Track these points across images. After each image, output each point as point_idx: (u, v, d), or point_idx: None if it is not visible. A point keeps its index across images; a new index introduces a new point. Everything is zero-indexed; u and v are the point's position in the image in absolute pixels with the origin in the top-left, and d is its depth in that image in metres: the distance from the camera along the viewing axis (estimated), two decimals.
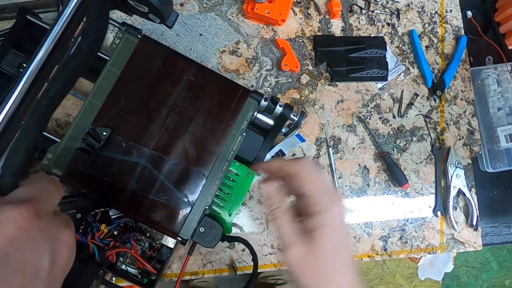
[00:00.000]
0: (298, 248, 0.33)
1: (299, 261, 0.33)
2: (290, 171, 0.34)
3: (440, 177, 0.65)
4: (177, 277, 0.52)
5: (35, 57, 0.28)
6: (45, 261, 0.22)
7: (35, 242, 0.22)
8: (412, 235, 0.64)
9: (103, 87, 0.43)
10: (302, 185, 0.34)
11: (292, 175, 0.34)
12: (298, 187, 0.34)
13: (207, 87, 0.45)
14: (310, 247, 0.33)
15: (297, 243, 0.33)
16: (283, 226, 0.34)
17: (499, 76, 0.67)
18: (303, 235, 0.33)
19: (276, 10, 0.59)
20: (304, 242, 0.33)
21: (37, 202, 0.23)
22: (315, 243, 0.33)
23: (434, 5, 0.68)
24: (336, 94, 0.64)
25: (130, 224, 0.48)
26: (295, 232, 0.33)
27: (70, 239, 0.25)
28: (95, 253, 0.44)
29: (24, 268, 0.21)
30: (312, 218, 0.33)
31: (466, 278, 1.66)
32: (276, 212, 0.34)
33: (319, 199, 0.33)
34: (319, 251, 0.33)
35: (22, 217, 0.21)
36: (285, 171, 0.35)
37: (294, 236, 0.34)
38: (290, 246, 0.34)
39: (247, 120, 0.46)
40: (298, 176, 0.34)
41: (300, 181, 0.34)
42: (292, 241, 0.33)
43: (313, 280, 0.33)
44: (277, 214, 0.34)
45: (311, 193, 0.33)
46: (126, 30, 0.44)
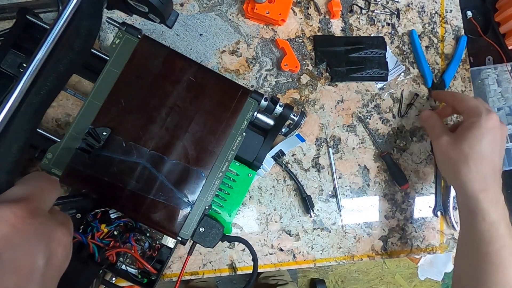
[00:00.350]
0: (447, 137, 0.51)
1: (449, 145, 0.50)
2: (457, 96, 0.55)
3: (440, 177, 0.65)
4: (177, 277, 0.52)
5: (35, 57, 0.28)
6: (40, 260, 0.22)
7: (29, 242, 0.21)
8: (412, 235, 0.64)
9: (103, 87, 0.43)
10: (461, 104, 0.53)
11: (457, 99, 0.54)
12: (459, 106, 0.53)
13: (207, 87, 0.45)
14: (458, 138, 0.50)
15: (447, 133, 0.52)
16: (437, 122, 0.55)
17: (499, 76, 0.67)
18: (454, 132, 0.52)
19: (276, 10, 0.59)
20: (453, 135, 0.51)
21: (31, 201, 0.23)
22: (463, 135, 0.49)
23: (434, 5, 0.68)
24: (336, 94, 0.64)
25: (130, 224, 0.48)
26: (446, 129, 0.53)
27: (65, 238, 0.24)
28: (95, 253, 0.44)
29: (18, 267, 0.21)
30: (464, 121, 0.51)
31: None
32: (430, 119, 0.57)
33: (472, 110, 0.50)
34: (465, 141, 0.49)
35: (16, 216, 0.21)
36: (453, 98, 0.56)
37: (445, 129, 0.53)
38: (441, 134, 0.52)
39: (247, 120, 0.46)
40: (460, 99, 0.54)
41: (459, 101, 0.53)
42: (443, 131, 0.53)
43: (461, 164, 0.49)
44: (431, 119, 0.56)
45: (466, 106, 0.52)
46: (126, 30, 0.44)
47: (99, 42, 0.59)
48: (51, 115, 0.57)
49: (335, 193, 0.62)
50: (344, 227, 0.62)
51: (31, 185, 0.25)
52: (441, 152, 0.52)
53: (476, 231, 0.47)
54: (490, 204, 0.46)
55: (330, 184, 0.62)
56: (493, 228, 0.45)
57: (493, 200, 0.46)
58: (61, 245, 0.23)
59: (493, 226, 0.45)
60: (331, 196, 0.62)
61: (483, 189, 0.47)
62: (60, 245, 0.23)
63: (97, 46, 0.59)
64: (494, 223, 0.45)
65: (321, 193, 0.62)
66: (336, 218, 0.62)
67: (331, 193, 0.62)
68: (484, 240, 0.45)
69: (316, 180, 0.62)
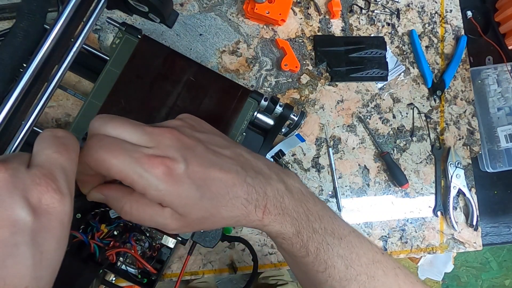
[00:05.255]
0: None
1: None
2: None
3: (440, 177, 0.65)
4: (177, 277, 0.52)
5: (35, 57, 0.28)
6: (21, 212, 0.20)
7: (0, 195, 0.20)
8: (412, 235, 0.64)
9: (103, 87, 0.43)
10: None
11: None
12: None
13: (207, 87, 0.45)
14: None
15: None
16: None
17: (499, 76, 0.67)
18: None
19: (276, 10, 0.59)
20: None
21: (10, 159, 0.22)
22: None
23: (434, 5, 0.68)
24: (336, 94, 0.64)
25: (130, 224, 0.48)
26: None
27: (49, 193, 0.21)
28: (96, 253, 0.44)
29: None
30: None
31: (466, 278, 1.66)
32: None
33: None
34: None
35: None
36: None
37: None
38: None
39: (247, 120, 0.46)
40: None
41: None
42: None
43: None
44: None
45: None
46: (126, 30, 0.44)
47: (99, 42, 0.59)
48: (51, 115, 0.57)
49: (335, 193, 0.62)
50: None
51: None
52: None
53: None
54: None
55: (330, 184, 0.62)
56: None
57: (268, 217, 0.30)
58: (45, 197, 0.21)
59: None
60: (331, 196, 0.62)
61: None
62: (44, 198, 0.21)
63: (97, 46, 0.59)
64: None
65: (321, 193, 0.62)
66: None
67: (331, 193, 0.62)
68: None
69: (316, 180, 0.62)
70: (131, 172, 0.25)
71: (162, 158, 0.25)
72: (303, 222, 0.30)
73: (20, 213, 0.20)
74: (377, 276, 0.32)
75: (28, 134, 0.30)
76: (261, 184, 0.29)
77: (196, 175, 0.26)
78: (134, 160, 0.25)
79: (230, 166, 0.28)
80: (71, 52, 0.32)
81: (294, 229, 0.30)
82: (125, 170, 0.25)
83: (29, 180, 0.21)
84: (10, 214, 0.20)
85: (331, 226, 0.32)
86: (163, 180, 0.25)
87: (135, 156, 0.25)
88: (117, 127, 0.26)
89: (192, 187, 0.26)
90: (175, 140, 0.27)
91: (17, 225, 0.20)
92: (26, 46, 0.28)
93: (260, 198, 0.29)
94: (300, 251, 0.31)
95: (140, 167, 0.25)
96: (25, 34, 0.28)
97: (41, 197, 0.21)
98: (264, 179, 0.30)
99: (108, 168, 0.25)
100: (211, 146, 0.29)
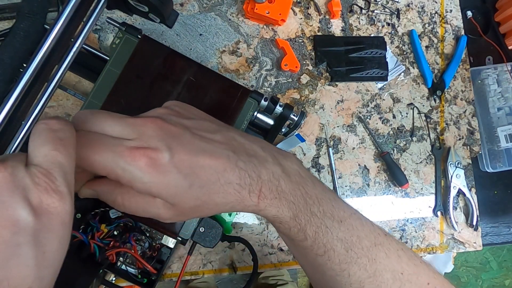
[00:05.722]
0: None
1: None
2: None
3: (440, 177, 0.65)
4: (177, 277, 0.52)
5: (35, 57, 0.28)
6: (22, 212, 0.20)
7: (1, 195, 0.20)
8: (412, 235, 0.64)
9: (103, 87, 0.43)
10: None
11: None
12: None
13: (207, 87, 0.45)
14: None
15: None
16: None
17: (499, 76, 0.67)
18: None
19: (276, 10, 0.59)
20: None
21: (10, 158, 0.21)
22: None
23: (434, 5, 0.68)
24: (336, 94, 0.64)
25: (130, 224, 0.48)
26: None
27: (47, 193, 0.21)
28: (96, 253, 0.44)
29: None
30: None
31: (466, 278, 1.66)
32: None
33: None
34: None
35: None
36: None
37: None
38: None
39: (247, 120, 0.46)
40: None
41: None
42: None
43: None
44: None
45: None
46: (126, 30, 0.44)
47: (99, 42, 0.59)
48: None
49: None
50: None
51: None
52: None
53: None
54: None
55: (330, 184, 0.62)
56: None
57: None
58: (45, 197, 0.21)
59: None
60: None
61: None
62: (44, 197, 0.21)
63: (97, 46, 0.59)
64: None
65: None
66: None
67: None
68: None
69: None
70: (114, 166, 0.24)
71: (144, 149, 0.25)
72: (300, 206, 0.30)
73: (22, 213, 0.20)
74: (378, 259, 0.32)
75: (28, 134, 0.30)
76: (255, 167, 0.28)
77: (183, 163, 0.26)
78: (116, 155, 0.24)
79: (220, 151, 0.27)
80: (71, 52, 0.32)
81: (291, 213, 0.29)
82: (108, 166, 0.24)
83: (28, 180, 0.21)
84: (12, 214, 0.20)
85: (330, 209, 0.31)
86: (147, 172, 0.25)
87: (117, 150, 0.25)
88: (98, 122, 0.26)
89: (179, 176, 0.25)
90: (158, 129, 0.26)
91: (18, 225, 0.20)
92: (26, 46, 0.28)
93: (254, 183, 0.28)
94: (298, 235, 0.30)
95: (122, 160, 0.24)
96: (26, 35, 0.28)
97: (41, 197, 0.21)
98: (258, 163, 0.29)
99: (92, 164, 0.25)
100: (199, 132, 0.28)
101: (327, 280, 0.33)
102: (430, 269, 0.34)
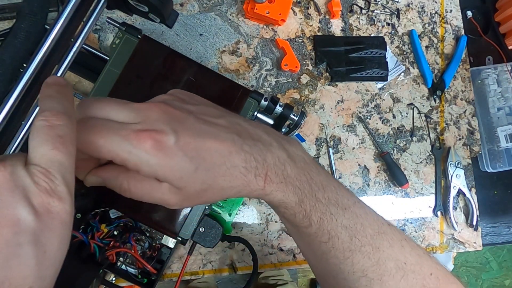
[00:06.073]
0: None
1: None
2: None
3: (440, 177, 0.65)
4: (177, 277, 0.52)
5: (35, 57, 0.28)
6: (23, 212, 0.20)
7: (1, 194, 0.20)
8: (412, 235, 0.64)
9: (103, 87, 0.43)
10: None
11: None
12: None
13: (207, 87, 0.45)
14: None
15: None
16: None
17: (499, 76, 0.67)
18: None
19: (276, 10, 0.59)
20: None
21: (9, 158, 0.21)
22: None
23: (434, 5, 0.68)
24: (336, 94, 0.64)
25: (130, 224, 0.48)
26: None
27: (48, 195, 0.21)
28: (96, 253, 0.44)
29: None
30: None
31: (466, 278, 1.66)
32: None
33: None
34: None
35: None
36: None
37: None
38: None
39: None
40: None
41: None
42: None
43: None
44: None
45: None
46: (126, 30, 0.44)
47: (99, 42, 0.59)
48: None
49: None
50: None
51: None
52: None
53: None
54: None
55: None
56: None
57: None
58: (45, 197, 0.21)
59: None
60: None
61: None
62: (44, 197, 0.21)
63: (97, 46, 0.59)
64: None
65: None
66: None
67: None
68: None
69: None
70: (119, 150, 0.24)
71: (149, 131, 0.25)
72: (306, 191, 0.30)
73: (22, 213, 0.20)
74: (382, 248, 0.32)
75: (28, 134, 0.30)
76: (260, 151, 0.28)
77: (188, 146, 0.25)
78: (121, 138, 0.24)
79: (225, 135, 0.27)
80: (71, 52, 0.32)
81: (296, 198, 0.29)
82: (114, 149, 0.24)
83: (28, 179, 0.21)
84: (13, 214, 0.20)
85: (335, 196, 0.31)
86: (153, 154, 0.24)
87: (122, 134, 0.24)
88: (103, 108, 0.26)
89: (185, 159, 0.25)
90: (162, 113, 0.26)
91: (19, 225, 0.20)
92: (27, 47, 0.28)
93: (260, 166, 0.28)
94: (303, 221, 0.30)
95: (128, 143, 0.24)
96: (26, 35, 0.28)
97: (41, 196, 0.21)
98: (263, 146, 0.28)
99: (97, 149, 0.24)
100: (203, 116, 0.28)
101: (330, 269, 0.33)
102: (433, 260, 0.34)
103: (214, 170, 0.26)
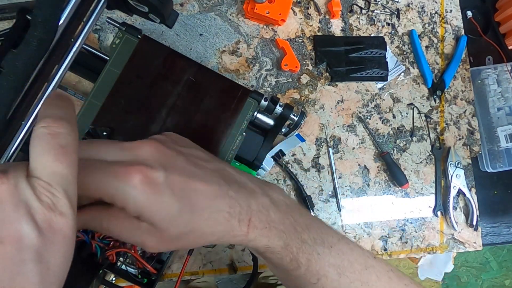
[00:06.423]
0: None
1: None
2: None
3: (440, 177, 0.65)
4: (177, 277, 0.52)
5: None
6: (26, 228, 0.19)
7: (3, 207, 0.19)
8: (412, 235, 0.64)
9: (103, 87, 0.43)
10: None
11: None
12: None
13: (207, 87, 0.45)
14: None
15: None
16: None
17: (499, 76, 0.67)
18: None
19: (276, 10, 0.59)
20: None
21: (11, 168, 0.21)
22: None
23: (434, 5, 0.68)
24: (336, 94, 0.64)
25: None
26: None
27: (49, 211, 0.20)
28: (97, 253, 0.44)
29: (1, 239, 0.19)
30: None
31: (466, 278, 1.66)
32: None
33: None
34: None
35: None
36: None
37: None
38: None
39: (247, 120, 0.46)
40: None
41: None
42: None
43: None
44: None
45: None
46: (126, 30, 0.44)
47: (99, 42, 0.59)
48: None
49: (335, 193, 0.62)
50: (344, 227, 0.62)
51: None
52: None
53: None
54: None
55: (330, 184, 0.62)
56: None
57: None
58: (47, 211, 0.20)
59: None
60: (331, 196, 0.62)
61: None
62: (47, 212, 0.20)
63: (97, 46, 0.59)
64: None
65: (321, 193, 0.62)
66: (336, 218, 0.62)
67: (331, 193, 0.62)
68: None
69: (316, 180, 0.62)
70: (107, 187, 0.24)
71: (139, 166, 0.24)
72: (291, 234, 0.30)
73: (25, 229, 0.19)
74: (370, 282, 0.32)
75: (28, 134, 0.30)
76: (245, 198, 0.28)
77: (176, 185, 0.25)
78: (109, 175, 0.24)
79: (212, 179, 0.27)
80: (71, 52, 0.32)
81: (282, 242, 0.30)
82: (102, 186, 0.24)
83: (31, 193, 0.20)
84: (16, 230, 0.19)
85: (320, 236, 0.31)
86: (141, 189, 0.24)
87: (111, 170, 0.24)
88: (93, 149, 0.26)
89: (172, 198, 0.25)
90: (154, 150, 0.26)
91: (23, 242, 0.19)
92: (39, 54, 0.28)
93: (244, 212, 0.28)
94: (291, 264, 0.30)
95: (116, 179, 0.24)
96: (39, 43, 0.28)
97: (44, 211, 0.20)
98: (248, 193, 0.29)
99: (84, 188, 0.24)
100: (193, 159, 0.28)
101: None
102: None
103: (198, 213, 0.26)
